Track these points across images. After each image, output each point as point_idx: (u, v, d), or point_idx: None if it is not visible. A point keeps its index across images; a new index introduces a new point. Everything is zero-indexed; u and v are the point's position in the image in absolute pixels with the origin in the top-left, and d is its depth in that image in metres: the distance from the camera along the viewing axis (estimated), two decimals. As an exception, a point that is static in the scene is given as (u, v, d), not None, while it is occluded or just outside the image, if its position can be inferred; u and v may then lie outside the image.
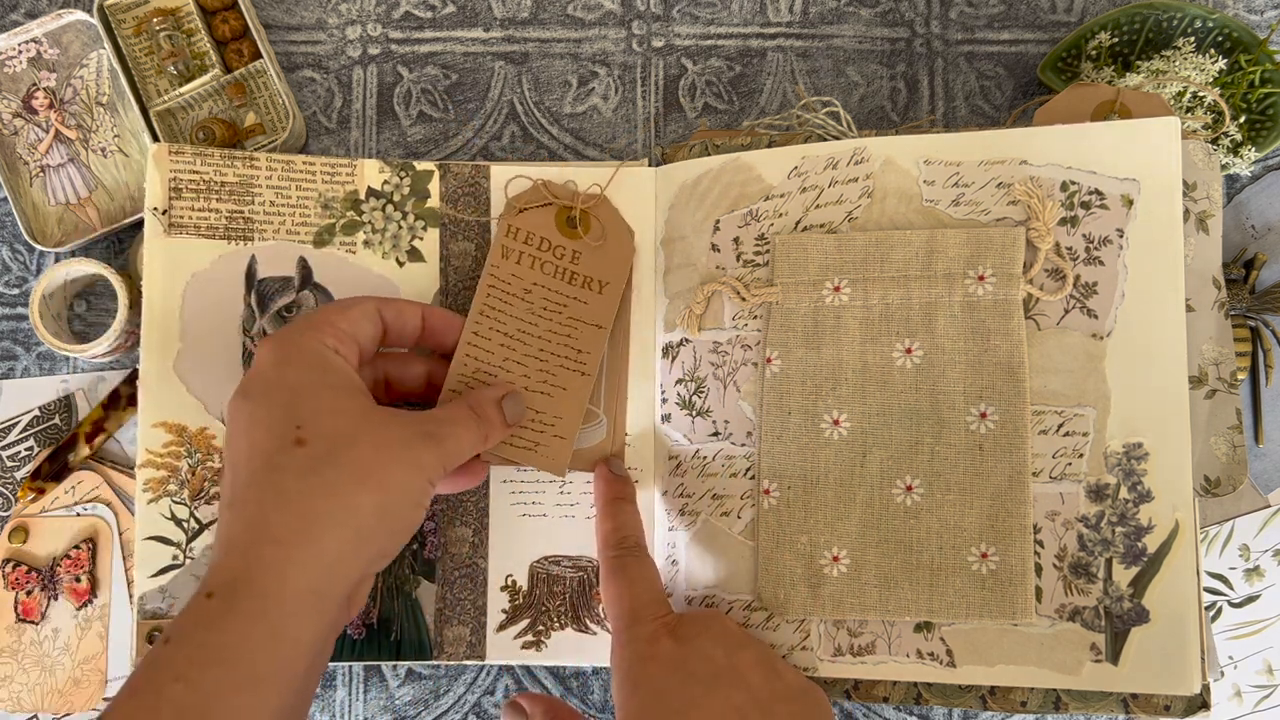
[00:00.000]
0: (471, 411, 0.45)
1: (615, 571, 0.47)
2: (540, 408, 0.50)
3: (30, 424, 0.56)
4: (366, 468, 0.39)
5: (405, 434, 0.41)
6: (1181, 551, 0.45)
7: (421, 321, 0.47)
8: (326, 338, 0.42)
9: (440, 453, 0.42)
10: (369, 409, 0.41)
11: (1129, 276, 0.46)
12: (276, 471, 0.38)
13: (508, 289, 0.51)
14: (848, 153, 0.49)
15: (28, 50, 0.57)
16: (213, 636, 0.35)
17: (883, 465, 0.48)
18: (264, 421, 0.39)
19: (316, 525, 0.37)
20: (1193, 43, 0.53)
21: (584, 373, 0.51)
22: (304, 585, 0.37)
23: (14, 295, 0.57)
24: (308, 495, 0.37)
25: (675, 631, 0.44)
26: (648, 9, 0.59)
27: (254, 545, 0.37)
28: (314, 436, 0.38)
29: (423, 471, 0.41)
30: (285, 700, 0.36)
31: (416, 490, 0.41)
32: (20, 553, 0.55)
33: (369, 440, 0.39)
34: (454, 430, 0.43)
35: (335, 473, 0.38)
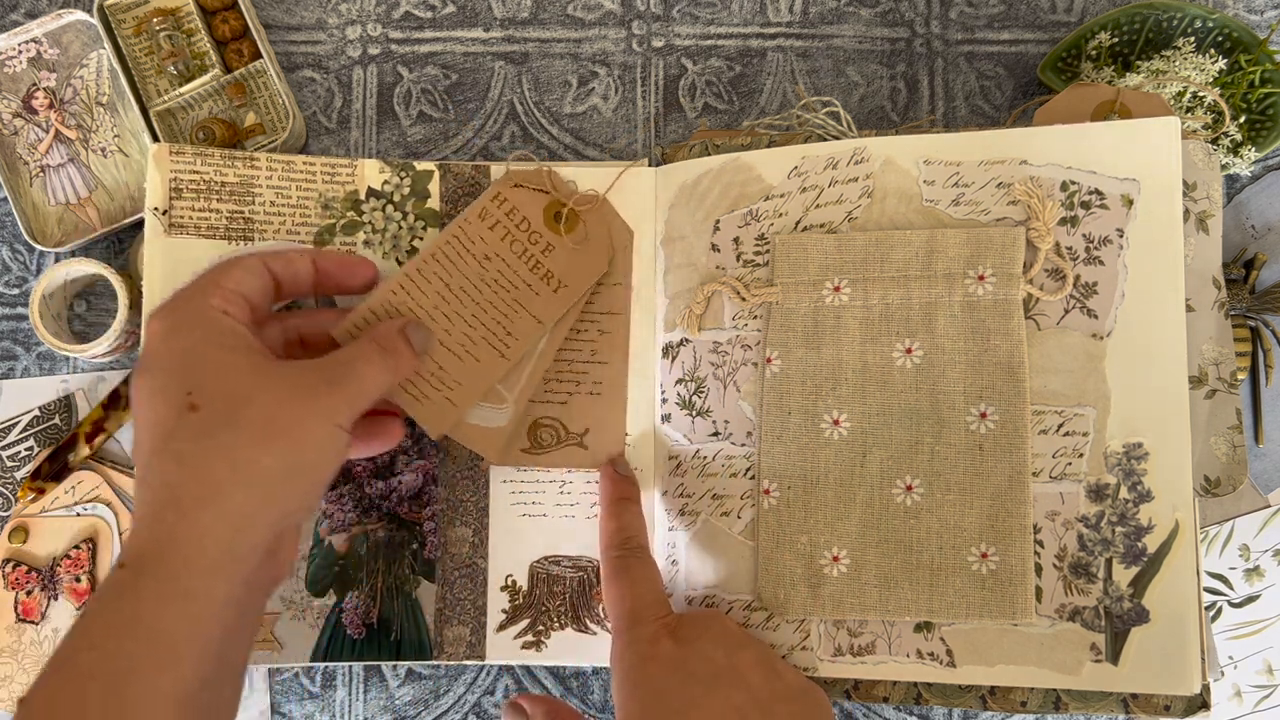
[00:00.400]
0: (375, 345, 0.44)
1: (617, 572, 0.47)
2: (446, 367, 0.49)
3: (30, 424, 0.56)
4: (266, 424, 0.38)
5: (304, 383, 0.40)
6: (1181, 551, 0.45)
7: (314, 267, 0.46)
8: (212, 299, 0.41)
9: (346, 396, 0.41)
10: (262, 364, 0.40)
11: (1129, 276, 0.46)
12: (173, 439, 0.37)
13: (469, 248, 0.50)
14: (848, 153, 0.49)
15: (28, 50, 0.57)
16: (124, 604, 0.35)
17: (883, 465, 0.48)
18: (158, 393, 0.38)
19: (217, 487, 0.37)
20: (1193, 43, 0.53)
21: (504, 355, 0.50)
22: (211, 547, 0.36)
23: (14, 295, 0.57)
24: (205, 458, 0.37)
25: (675, 632, 0.44)
26: (648, 9, 0.59)
27: (158, 513, 0.37)
28: (206, 400, 0.38)
29: (328, 418, 0.40)
30: (203, 662, 0.36)
31: (325, 439, 0.40)
32: (20, 553, 0.55)
33: (265, 395, 0.39)
34: (358, 369, 0.42)
35: (231, 433, 0.37)
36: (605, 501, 0.50)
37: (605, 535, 0.49)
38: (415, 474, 0.53)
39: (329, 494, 0.53)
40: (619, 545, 0.48)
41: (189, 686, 0.35)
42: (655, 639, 0.44)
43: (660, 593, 0.47)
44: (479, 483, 0.53)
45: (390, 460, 0.53)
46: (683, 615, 0.46)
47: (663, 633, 0.44)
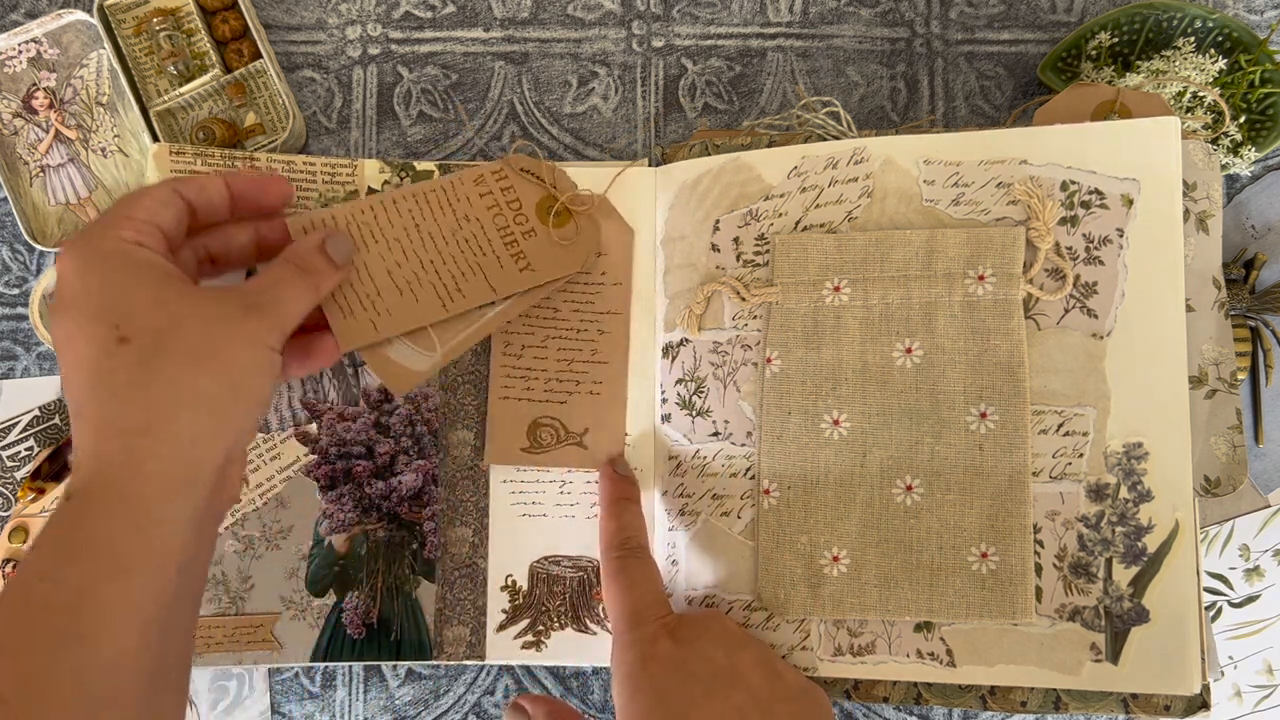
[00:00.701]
0: (293, 267, 0.43)
1: (617, 573, 0.47)
2: (384, 294, 0.48)
3: (30, 424, 0.56)
4: (199, 349, 0.38)
5: (229, 310, 0.39)
6: (1181, 551, 0.45)
7: (227, 190, 0.45)
8: (125, 232, 0.40)
9: (271, 319, 0.41)
10: (186, 292, 0.39)
11: (1129, 276, 0.46)
12: (107, 374, 0.37)
13: (453, 203, 0.51)
14: (848, 153, 0.49)
15: (28, 50, 0.57)
16: (74, 533, 0.35)
17: (883, 465, 0.48)
18: (80, 332, 0.38)
19: (162, 412, 0.36)
20: (1193, 43, 0.53)
21: (445, 305, 0.49)
22: (162, 472, 0.36)
23: (14, 295, 0.57)
24: (145, 386, 0.36)
25: (675, 633, 0.44)
26: (648, 9, 0.59)
27: (103, 444, 0.36)
28: (137, 331, 0.37)
29: (258, 341, 0.40)
30: (160, 587, 0.35)
31: (258, 360, 0.40)
32: (20, 553, 0.55)
33: (195, 322, 0.38)
34: (278, 293, 0.42)
35: (168, 361, 0.37)
36: (605, 501, 0.50)
37: (605, 535, 0.49)
38: (415, 474, 0.53)
39: (329, 494, 0.53)
40: (619, 546, 0.48)
41: (148, 609, 0.35)
42: (655, 639, 0.44)
43: (660, 593, 0.47)
44: (479, 483, 0.53)
45: (390, 460, 0.53)
46: (682, 616, 0.46)
47: (662, 633, 0.44)
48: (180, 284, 0.40)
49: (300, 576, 0.52)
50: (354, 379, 0.53)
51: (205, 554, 0.40)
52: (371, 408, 0.53)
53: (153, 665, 0.35)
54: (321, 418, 0.53)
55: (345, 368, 0.53)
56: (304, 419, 0.53)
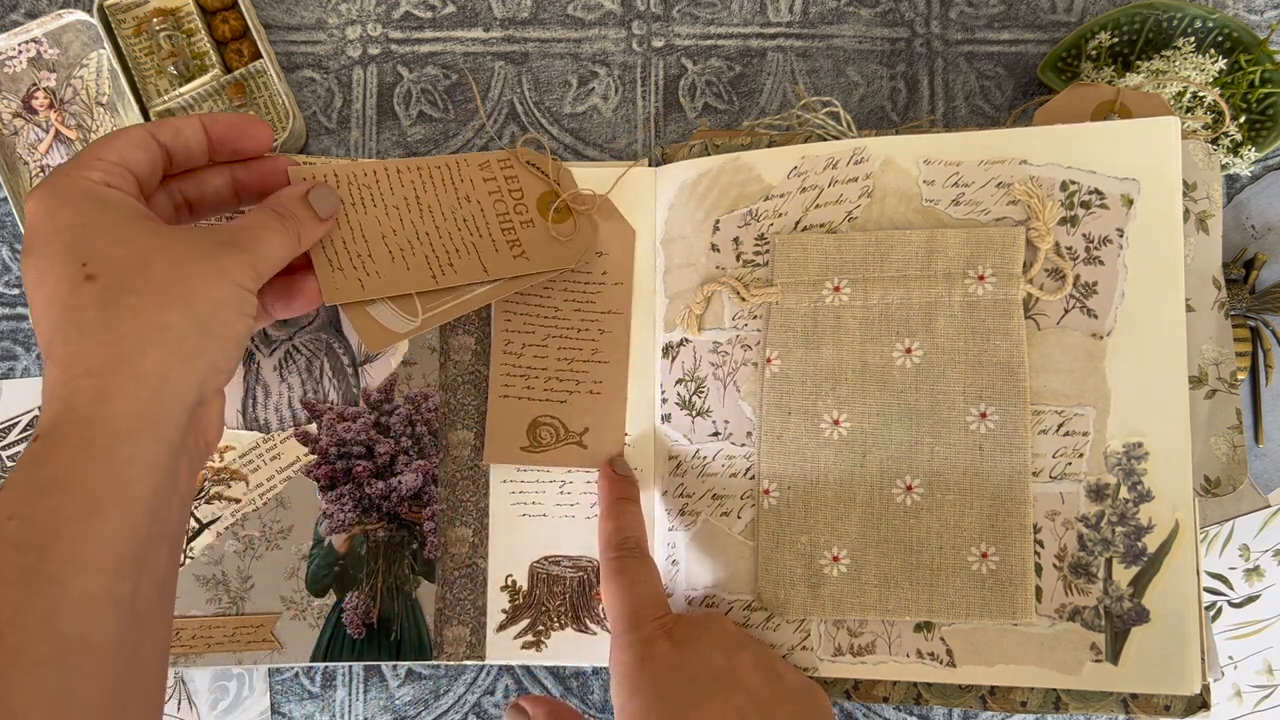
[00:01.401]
0: (274, 213, 0.43)
1: (616, 573, 0.47)
2: (375, 256, 0.48)
3: (30, 424, 0.56)
4: (167, 285, 0.37)
5: (203, 245, 0.39)
6: (1181, 551, 0.45)
7: (205, 133, 0.44)
8: (94, 174, 0.39)
9: (245, 257, 0.40)
10: (157, 229, 0.39)
11: (1129, 276, 0.46)
12: (73, 311, 0.36)
13: (455, 183, 0.51)
14: (847, 153, 0.49)
15: (28, 50, 0.57)
16: (42, 472, 0.34)
17: (883, 465, 0.48)
18: (50, 271, 0.37)
19: (129, 349, 0.36)
20: (1193, 43, 0.53)
21: (434, 276, 0.49)
22: (131, 409, 0.35)
23: (14, 295, 0.57)
24: (112, 323, 0.36)
25: (674, 634, 0.44)
26: (648, 9, 0.59)
27: (69, 382, 0.35)
28: (103, 269, 0.37)
29: (230, 276, 0.39)
30: (133, 526, 0.34)
31: (231, 298, 0.39)
32: (20, 553, 0.55)
33: (163, 259, 0.37)
34: (257, 234, 0.41)
35: (134, 297, 0.36)
36: (604, 501, 0.50)
37: (604, 536, 0.49)
38: (415, 474, 0.53)
39: (329, 494, 0.53)
40: (617, 546, 0.48)
41: (121, 549, 0.34)
42: (653, 641, 0.44)
43: (659, 594, 0.47)
44: (479, 483, 0.53)
45: (390, 460, 0.53)
46: (681, 616, 0.46)
47: (660, 634, 0.44)
48: (149, 222, 0.39)
49: (300, 576, 0.52)
50: (354, 379, 0.53)
51: (181, 499, 0.39)
52: (371, 408, 0.53)
53: (126, 609, 0.34)
54: (321, 418, 0.53)
55: (345, 368, 0.53)
56: (304, 419, 0.53)
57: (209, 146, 0.44)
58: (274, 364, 0.53)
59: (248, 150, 0.46)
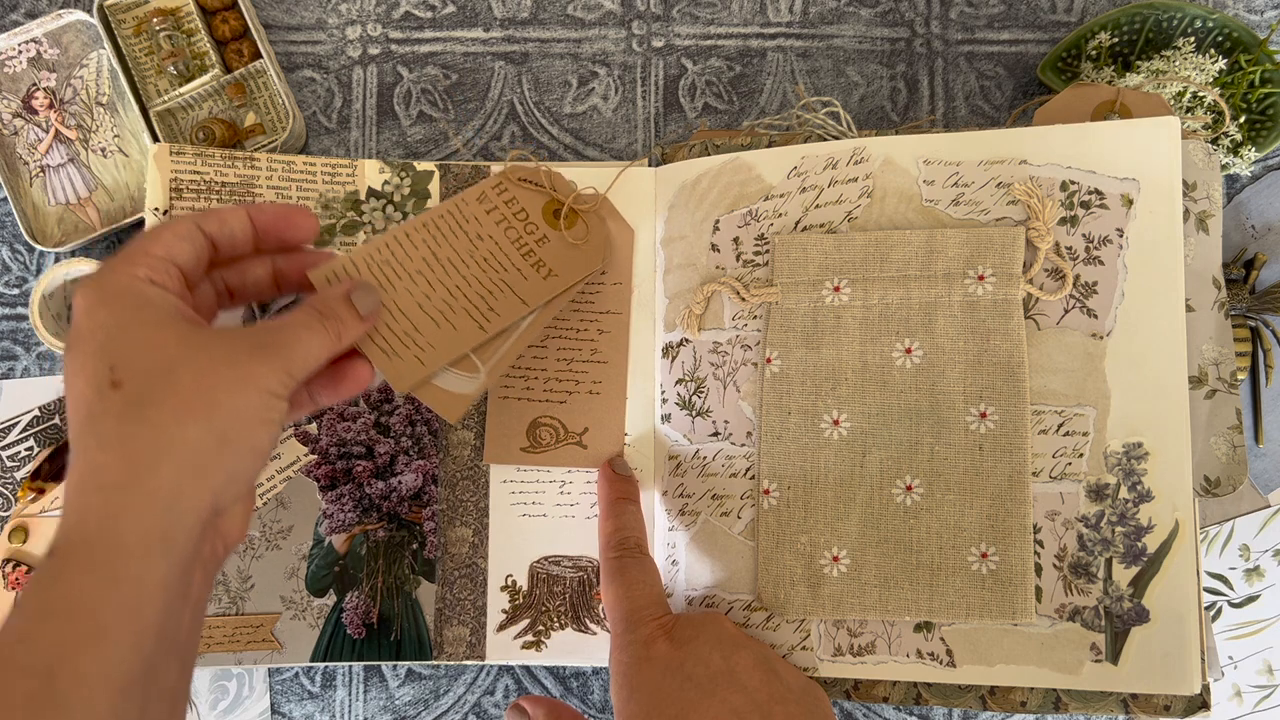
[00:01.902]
0: (316, 313, 0.42)
1: (615, 573, 0.47)
2: (421, 328, 0.48)
3: (30, 424, 0.56)
4: (190, 397, 0.37)
5: (232, 351, 0.38)
6: (1181, 551, 0.45)
7: (250, 223, 0.44)
8: (139, 270, 0.39)
9: (280, 362, 0.39)
10: (188, 334, 0.38)
11: (1129, 276, 0.46)
12: (95, 418, 0.36)
13: (464, 224, 0.50)
14: (847, 153, 0.49)
15: (28, 50, 0.57)
16: (51, 593, 0.34)
17: (883, 465, 0.48)
18: (81, 370, 0.37)
19: (143, 464, 0.35)
20: (1193, 43, 0.53)
21: (482, 327, 0.49)
22: (140, 527, 0.35)
23: (14, 295, 0.57)
24: (129, 436, 0.36)
25: (673, 634, 0.44)
26: (648, 9, 0.59)
27: (84, 496, 0.35)
28: (129, 376, 0.36)
29: (258, 384, 0.38)
30: (140, 647, 0.34)
31: (255, 407, 0.38)
32: (20, 553, 0.55)
33: (189, 367, 0.37)
34: (294, 335, 0.41)
35: (155, 409, 0.36)
36: (604, 501, 0.50)
37: (603, 535, 0.49)
38: (415, 474, 0.53)
39: (329, 494, 0.53)
40: (617, 546, 0.48)
41: (127, 671, 0.34)
42: (652, 641, 0.44)
43: (658, 594, 0.47)
44: (479, 483, 0.53)
45: (390, 460, 0.53)
46: (680, 616, 0.46)
47: (660, 634, 0.44)
48: (183, 325, 0.39)
49: (300, 576, 0.52)
50: (354, 379, 0.53)
51: (198, 603, 0.39)
52: (371, 408, 0.53)
53: None
54: (321, 418, 0.53)
55: (345, 368, 0.53)
56: (304, 419, 0.53)
57: (254, 236, 0.44)
58: (274, 364, 0.52)
59: (293, 240, 0.46)
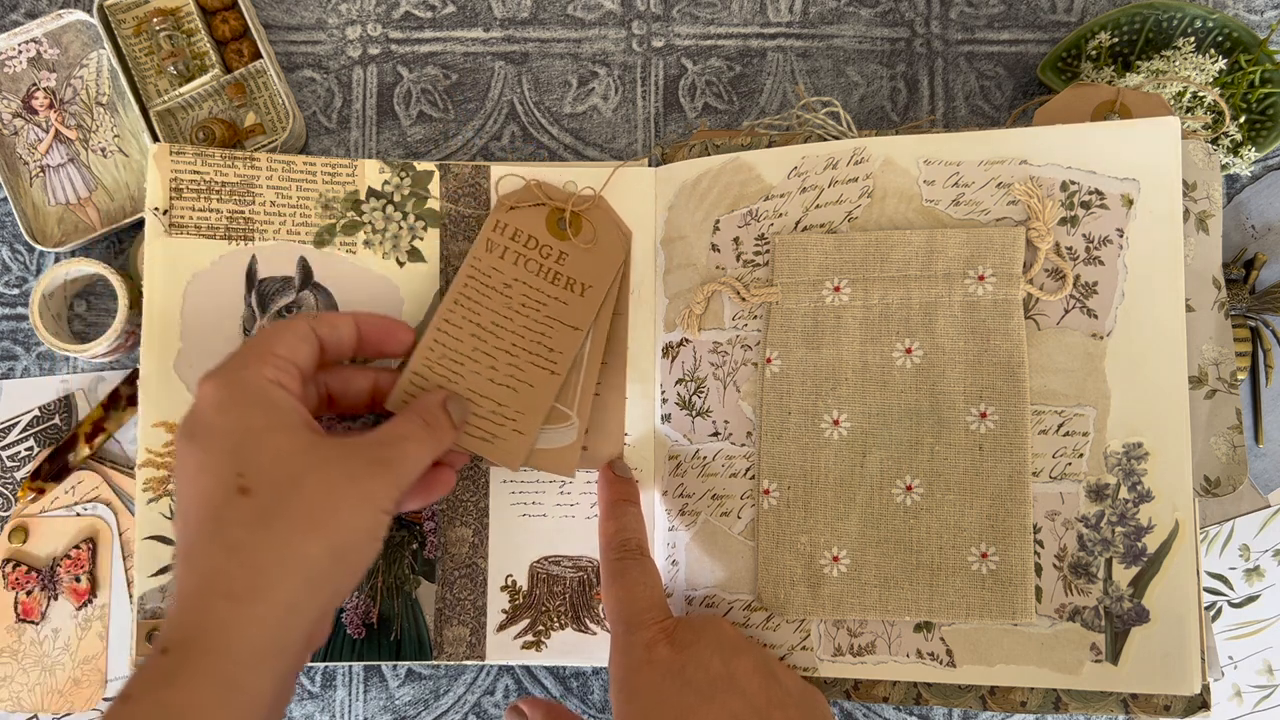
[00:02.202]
0: (422, 421, 0.44)
1: (615, 575, 0.47)
2: (503, 401, 0.49)
3: (30, 424, 0.56)
4: (315, 512, 0.38)
5: (353, 467, 0.40)
6: (1181, 551, 0.45)
7: (356, 330, 0.46)
8: (267, 370, 0.41)
9: (392, 478, 0.41)
10: (314, 445, 0.40)
11: (1129, 276, 0.46)
12: (223, 523, 0.37)
13: (487, 281, 0.51)
14: (848, 153, 0.49)
15: (28, 50, 0.57)
16: (167, 695, 0.35)
17: (883, 465, 0.48)
18: (209, 469, 0.38)
19: (267, 578, 0.37)
20: (1193, 43, 0.53)
21: (553, 371, 0.50)
22: (258, 640, 0.37)
23: (14, 295, 0.57)
24: (256, 548, 0.37)
25: (673, 637, 0.44)
26: (648, 9, 0.59)
27: (206, 600, 0.37)
28: (259, 484, 0.38)
29: (375, 504, 0.40)
30: None
31: (370, 525, 0.40)
32: (20, 553, 0.55)
33: (316, 482, 0.39)
34: (404, 448, 0.42)
35: (283, 522, 0.38)
36: (604, 503, 0.50)
37: (604, 537, 0.49)
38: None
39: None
40: (618, 547, 0.48)
41: None
42: (652, 644, 0.44)
43: (659, 596, 0.47)
44: (479, 483, 0.53)
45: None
46: (681, 620, 0.46)
47: (660, 638, 0.44)
48: (309, 434, 0.40)
49: (300, 576, 0.52)
50: (354, 379, 0.53)
51: (285, 704, 0.40)
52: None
53: None
54: (321, 419, 0.53)
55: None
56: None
57: (357, 343, 0.46)
58: (274, 364, 0.53)
59: (390, 351, 0.48)
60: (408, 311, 0.53)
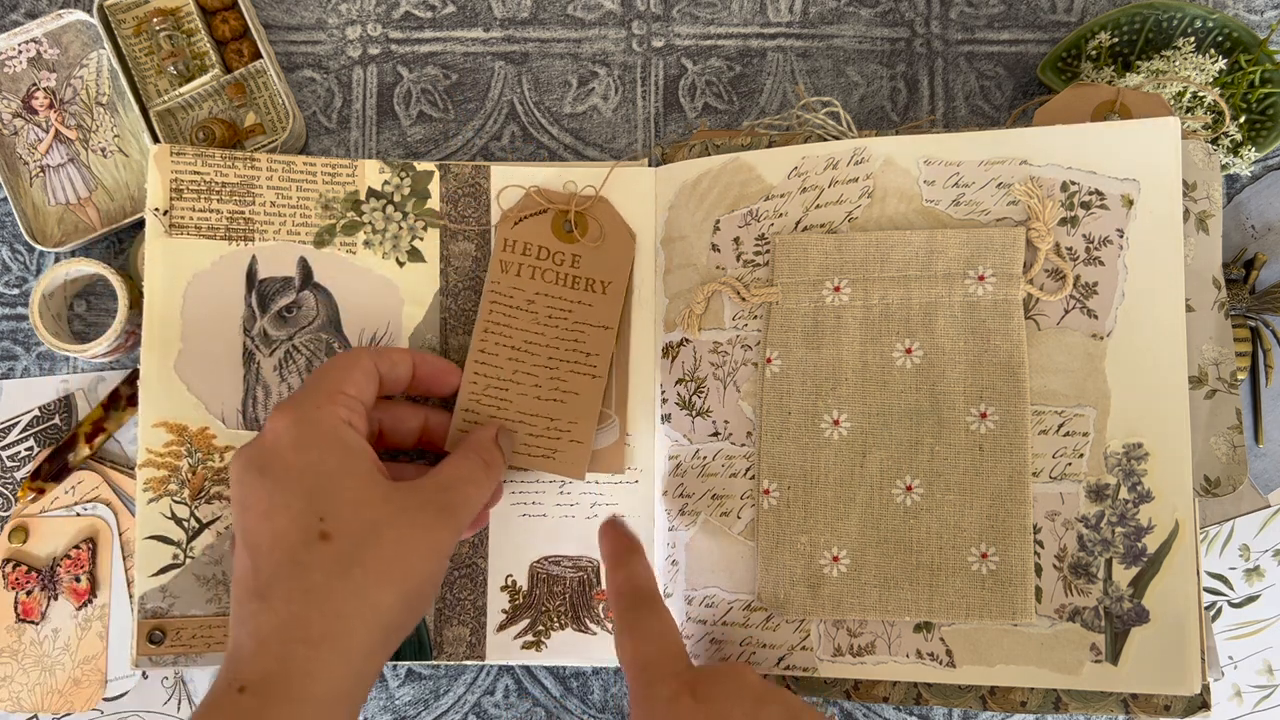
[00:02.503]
0: (480, 461, 0.45)
1: (630, 627, 0.46)
2: (555, 415, 0.51)
3: (30, 424, 0.56)
4: (391, 563, 0.39)
5: (423, 515, 0.41)
6: (1181, 551, 0.45)
7: (412, 369, 0.47)
8: (340, 410, 0.42)
9: (456, 524, 0.43)
10: (389, 494, 0.41)
11: (1129, 276, 0.46)
12: (304, 568, 0.38)
13: (510, 302, 0.51)
14: (848, 153, 0.49)
15: (28, 50, 0.57)
16: None
17: (883, 465, 0.48)
18: (286, 509, 0.39)
19: (346, 624, 0.38)
20: (1193, 43, 0.53)
21: (595, 375, 0.51)
22: (336, 686, 0.38)
23: (14, 295, 0.57)
24: (337, 596, 0.38)
25: (695, 690, 0.42)
26: (648, 9, 0.59)
27: (287, 645, 0.37)
28: (339, 531, 0.39)
29: (442, 552, 0.42)
30: None
31: (436, 572, 0.42)
32: (20, 553, 0.55)
33: (393, 532, 0.40)
34: (466, 491, 0.44)
35: (361, 571, 0.39)
36: (608, 554, 0.50)
37: (614, 587, 0.48)
38: (415, 473, 0.53)
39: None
40: (629, 596, 0.47)
41: None
42: (675, 698, 0.42)
43: (678, 646, 0.45)
44: (479, 483, 0.53)
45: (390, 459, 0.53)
46: (702, 671, 0.44)
47: (683, 691, 0.42)
48: (384, 481, 0.41)
49: (300, 576, 0.52)
50: (354, 379, 0.53)
51: None
52: (371, 408, 0.53)
53: None
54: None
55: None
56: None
57: (412, 381, 0.47)
58: (274, 364, 0.53)
59: (437, 392, 0.50)
60: (408, 311, 0.53)
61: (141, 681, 0.55)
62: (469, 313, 0.53)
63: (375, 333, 0.53)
